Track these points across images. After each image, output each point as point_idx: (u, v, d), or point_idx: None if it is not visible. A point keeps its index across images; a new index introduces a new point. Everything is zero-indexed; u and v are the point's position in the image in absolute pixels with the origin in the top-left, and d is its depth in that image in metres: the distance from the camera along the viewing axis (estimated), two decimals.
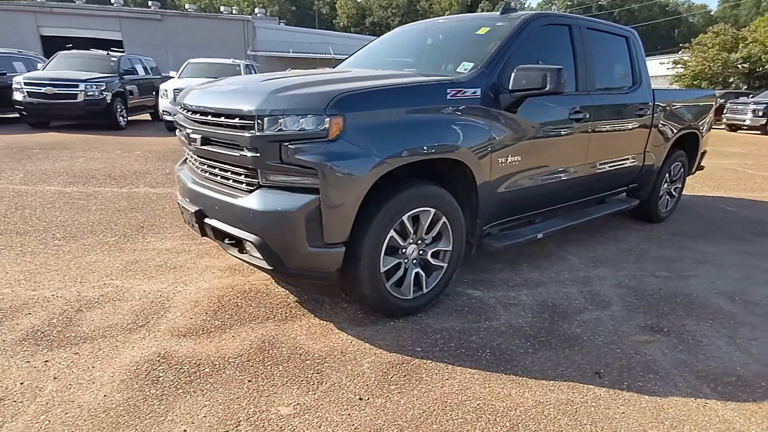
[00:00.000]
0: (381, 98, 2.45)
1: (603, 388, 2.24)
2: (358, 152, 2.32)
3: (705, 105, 5.16)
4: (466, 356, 2.45)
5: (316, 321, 2.75)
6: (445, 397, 2.12)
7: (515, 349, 2.54)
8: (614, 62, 4.02)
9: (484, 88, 2.86)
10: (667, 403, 2.15)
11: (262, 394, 2.08)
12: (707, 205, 6.01)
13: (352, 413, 1.99)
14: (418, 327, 2.72)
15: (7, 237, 3.85)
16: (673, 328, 2.84)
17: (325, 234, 2.35)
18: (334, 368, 2.30)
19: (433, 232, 2.80)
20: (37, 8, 26.21)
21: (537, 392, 2.18)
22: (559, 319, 2.89)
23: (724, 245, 4.43)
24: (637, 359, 2.49)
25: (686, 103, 4.84)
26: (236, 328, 2.62)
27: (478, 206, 2.97)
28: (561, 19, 3.59)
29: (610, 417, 2.04)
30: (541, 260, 3.84)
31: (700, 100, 5.11)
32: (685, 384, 2.29)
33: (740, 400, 2.20)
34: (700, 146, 5.17)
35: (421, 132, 2.54)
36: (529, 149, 3.19)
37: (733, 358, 2.54)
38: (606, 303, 3.13)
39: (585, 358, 2.48)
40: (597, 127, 3.69)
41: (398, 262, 2.70)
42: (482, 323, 2.80)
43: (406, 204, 2.57)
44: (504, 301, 3.10)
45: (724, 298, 3.28)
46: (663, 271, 3.72)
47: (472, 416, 2.01)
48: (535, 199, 3.44)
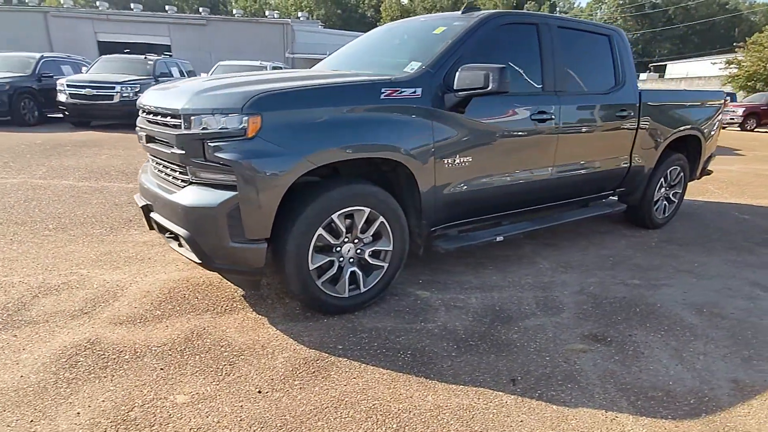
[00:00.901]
0: (301, 98, 2.48)
1: (513, 395, 2.17)
2: (275, 151, 2.37)
3: (709, 106, 4.87)
4: (384, 356, 2.44)
5: (252, 315, 2.81)
6: (343, 396, 2.13)
7: (439, 351, 2.50)
8: (592, 62, 3.87)
9: (427, 88, 2.84)
10: (574, 414, 2.06)
11: (167, 382, 2.16)
12: (718, 212, 5.66)
13: (245, 405, 2.03)
14: (350, 325, 2.73)
15: (4, 227, 4.15)
16: (618, 338, 2.71)
17: (245, 230, 2.40)
18: (248, 361, 2.35)
19: (370, 231, 2.80)
20: (94, 15, 27.90)
21: (440, 396, 2.15)
22: (499, 323, 2.82)
23: (718, 255, 4.17)
24: (563, 368, 2.40)
25: (683, 103, 4.58)
26: (173, 319, 2.72)
27: (421, 207, 2.95)
28: (526, 17, 3.50)
29: (505, 425, 1.98)
30: (509, 264, 3.75)
31: (702, 101, 4.82)
32: (602, 396, 2.19)
33: (657, 416, 2.08)
34: (704, 149, 4.87)
35: (346, 132, 2.55)
36: (483, 151, 3.13)
37: (670, 372, 2.40)
38: (557, 310, 3.03)
39: (508, 365, 2.41)
40: (567, 128, 3.57)
41: (331, 260, 2.72)
42: (417, 324, 2.77)
43: (334, 202, 2.59)
44: (450, 303, 3.06)
45: (690, 310, 3.10)
46: (636, 279, 3.55)
47: (361, 416, 2.00)
48: (494, 201, 3.37)
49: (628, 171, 4.22)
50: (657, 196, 4.65)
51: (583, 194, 4.05)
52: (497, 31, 3.25)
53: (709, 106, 4.86)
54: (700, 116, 4.73)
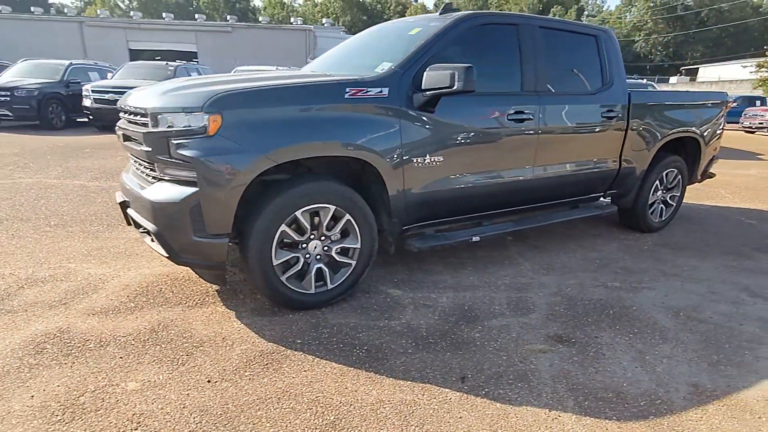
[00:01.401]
0: (262, 98, 2.54)
1: (459, 392, 2.17)
2: (235, 148, 2.44)
3: (710, 107, 4.74)
4: (339, 351, 2.47)
5: (221, 308, 2.88)
6: (289, 387, 2.16)
7: (395, 348, 2.52)
8: (578, 62, 3.82)
9: (394, 88, 2.87)
10: (516, 412, 2.05)
11: (123, 370, 2.24)
12: (724, 217, 5.48)
13: (192, 394, 2.09)
14: (314, 321, 2.77)
15: (9, 223, 4.35)
16: (583, 340, 2.67)
17: (206, 225, 2.48)
18: (206, 352, 2.42)
19: (336, 229, 2.84)
20: (126, 24, 28.94)
21: (385, 391, 2.17)
22: (464, 323, 2.81)
23: (712, 259, 4.04)
24: (517, 368, 2.38)
25: (679, 105, 4.47)
26: (144, 311, 2.82)
27: (390, 206, 2.97)
28: (504, 18, 3.49)
29: (443, 421, 1.98)
30: (490, 265, 3.73)
31: (702, 102, 4.70)
32: (550, 395, 2.17)
33: (601, 417, 2.04)
34: (704, 152, 4.74)
35: (306, 130, 2.60)
36: (455, 150, 3.13)
37: (628, 374, 2.36)
38: (527, 310, 3.00)
39: (462, 363, 2.40)
40: (549, 129, 3.54)
41: (296, 257, 2.77)
42: (381, 322, 2.79)
43: (297, 199, 2.64)
44: (420, 302, 3.07)
45: (666, 313, 3.02)
46: (617, 282, 3.48)
47: (302, 407, 2.04)
48: (471, 201, 3.36)
49: (618, 173, 4.14)
50: (652, 199, 4.54)
51: (569, 196, 4.00)
52: (473, 31, 3.26)
53: (709, 108, 4.73)
54: (698, 118, 4.61)
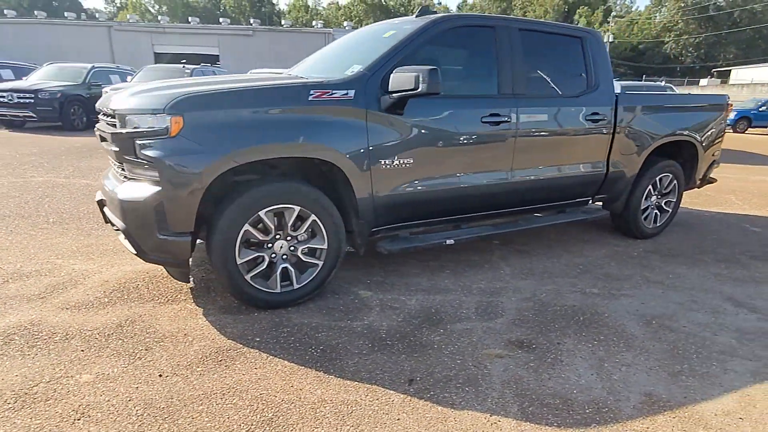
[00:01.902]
0: (224, 100, 2.59)
1: (403, 395, 2.17)
2: (196, 149, 2.49)
3: (708, 111, 4.60)
4: (295, 350, 2.50)
5: (191, 306, 2.95)
6: (236, 384, 2.20)
7: (351, 349, 2.53)
8: (560, 65, 3.77)
9: (361, 90, 2.89)
10: (455, 416, 2.04)
11: (82, 362, 2.32)
12: (728, 223, 5.31)
13: (141, 387, 2.15)
14: (277, 320, 2.81)
15: (11, 219, 4.53)
16: (544, 345, 2.63)
17: (169, 224, 2.54)
18: (165, 347, 2.48)
19: (302, 229, 2.88)
20: (152, 29, 29.75)
21: (330, 391, 2.18)
22: (427, 326, 2.81)
23: (703, 267, 3.93)
24: (470, 372, 2.36)
25: (673, 108, 4.36)
26: (117, 306, 2.90)
27: (357, 207, 2.99)
28: (480, 20, 3.46)
29: (380, 422, 1.99)
30: (470, 269, 3.71)
31: (698, 106, 4.57)
32: (496, 401, 2.15)
33: (542, 423, 2.02)
34: (701, 157, 4.61)
35: (268, 131, 2.65)
36: (426, 153, 3.13)
37: (581, 381, 2.32)
38: (495, 315, 2.97)
39: (414, 366, 2.40)
40: (527, 132, 3.50)
41: (261, 256, 2.82)
42: (343, 322, 2.81)
43: (260, 199, 2.69)
44: (388, 303, 3.07)
45: (639, 321, 2.95)
46: (595, 288, 3.42)
47: (244, 403, 2.07)
48: (444, 204, 3.36)
49: (606, 177, 4.06)
50: (645, 205, 4.44)
51: (553, 200, 3.94)
52: (447, 34, 3.26)
53: (707, 112, 4.60)
54: (695, 122, 4.48)
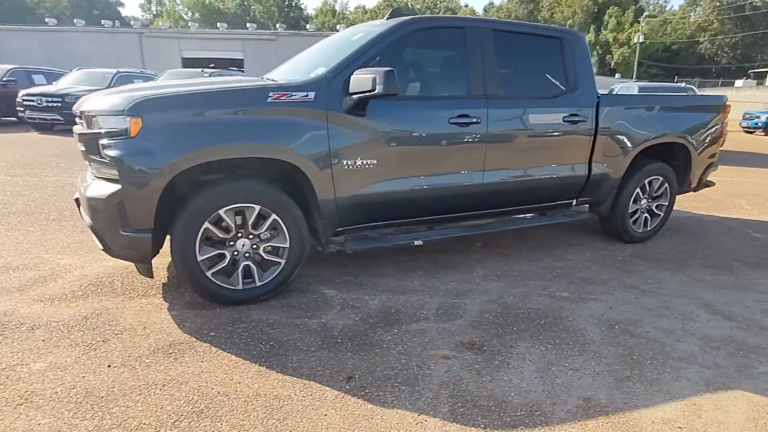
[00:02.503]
0: (183, 102, 2.68)
1: (338, 391, 2.20)
2: (154, 149, 2.58)
3: (703, 112, 4.47)
4: (244, 346, 2.55)
5: (158, 300, 3.05)
6: (179, 376, 2.27)
7: (300, 346, 2.57)
8: (537, 66, 3.73)
9: (321, 92, 2.93)
10: (383, 414, 2.05)
11: (39, 351, 2.43)
12: (730, 229, 5.13)
13: (87, 376, 2.24)
14: (237, 316, 2.87)
15: (15, 216, 4.76)
16: (496, 348, 2.61)
17: (130, 220, 2.64)
18: (122, 339, 2.57)
19: (263, 227, 2.94)
20: (180, 35, 30.65)
21: (267, 385, 2.23)
22: (382, 325, 2.83)
23: (687, 273, 3.81)
24: (411, 372, 2.37)
25: (661, 110, 4.25)
26: (89, 299, 3.02)
27: (319, 207, 3.03)
28: (450, 22, 3.46)
29: (307, 417, 2.02)
30: (443, 270, 3.70)
31: (692, 107, 4.44)
32: (429, 401, 2.15)
33: (469, 424, 2.01)
34: (694, 160, 4.47)
35: (228, 132, 2.72)
36: (390, 154, 3.15)
37: (522, 384, 2.29)
38: (454, 316, 2.96)
39: (357, 364, 2.43)
40: (499, 133, 3.48)
41: (222, 253, 2.89)
42: (300, 320, 2.86)
43: (219, 198, 2.76)
44: (350, 303, 3.10)
45: (601, 326, 2.90)
46: (566, 292, 3.37)
47: (180, 394, 2.14)
48: (412, 205, 3.36)
49: (588, 179, 3.99)
50: (633, 208, 4.33)
51: (530, 202, 3.89)
52: (414, 36, 3.27)
53: (702, 113, 4.47)
54: (688, 123, 4.36)
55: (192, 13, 74.00)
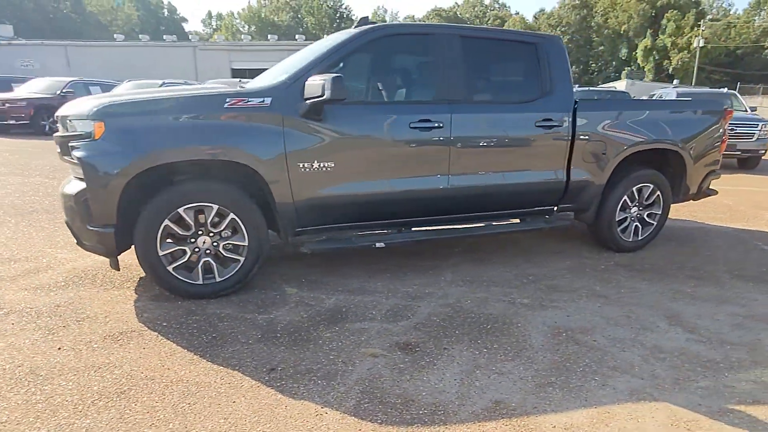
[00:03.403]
0: (143, 108, 2.90)
1: (255, 381, 2.29)
2: (114, 151, 2.81)
3: (700, 117, 4.27)
4: (188, 336, 2.70)
5: (129, 292, 3.27)
6: (117, 360, 2.44)
7: (240, 338, 2.70)
8: (509, 71, 3.72)
9: (278, 97, 3.07)
10: (290, 404, 2.13)
11: (5, 333, 2.66)
12: (737, 240, 4.84)
13: (36, 357, 2.45)
14: (193, 309, 3.04)
15: (36, 214, 5.20)
16: (429, 350, 2.63)
17: (94, 217, 2.88)
18: (81, 326, 2.79)
19: (222, 226, 3.10)
20: (230, 47, 32.16)
21: (193, 372, 2.36)
22: (326, 323, 2.90)
23: (666, 283, 3.65)
24: (333, 367, 2.43)
25: (649, 115, 4.09)
26: (68, 289, 3.29)
27: (276, 208, 3.16)
28: (415, 29, 3.52)
29: (216, 403, 2.13)
30: (411, 273, 3.73)
31: (687, 112, 4.25)
32: (338, 395, 2.21)
33: (367, 419, 2.05)
34: (690, 167, 4.26)
35: (185, 136, 2.91)
36: (349, 157, 3.24)
37: (438, 385, 2.30)
38: (402, 318, 3.00)
39: (287, 357, 2.52)
40: (464, 138, 3.48)
41: (182, 249, 3.07)
42: (251, 315, 2.99)
43: (177, 197, 2.95)
44: (305, 301, 3.20)
45: (548, 333, 2.84)
46: (527, 299, 3.31)
47: (111, 377, 2.30)
48: (374, 208, 3.42)
49: (568, 185, 3.91)
50: (621, 216, 4.19)
51: (504, 207, 3.85)
52: (378, 43, 3.35)
53: (698, 118, 4.27)
54: (683, 129, 4.17)
55: (248, 26, 77.22)
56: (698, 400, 2.23)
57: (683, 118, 4.20)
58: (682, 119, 4.20)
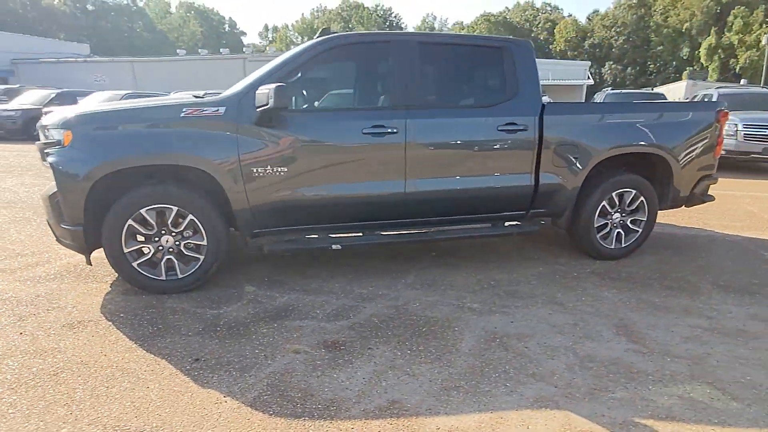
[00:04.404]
0: (106, 118, 3.17)
1: (176, 369, 2.45)
2: (80, 157, 3.08)
3: (689, 120, 4.06)
4: (138, 327, 2.90)
5: (105, 286, 3.54)
6: (64, 346, 2.67)
7: (182, 330, 2.87)
8: (470, 76, 3.70)
9: (232, 106, 3.25)
10: (196, 392, 2.26)
11: None
12: (742, 249, 4.53)
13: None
14: (154, 302, 3.25)
15: None
16: (352, 349, 2.68)
17: (65, 216, 3.16)
18: (48, 314, 3.06)
19: (182, 226, 3.31)
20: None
21: (125, 359, 2.54)
22: (268, 320, 3.02)
23: (637, 294, 3.49)
24: (253, 360, 2.55)
25: (628, 117, 3.93)
26: (55, 281, 3.60)
27: (232, 210, 3.33)
28: (373, 37, 3.59)
29: (130, 387, 2.29)
30: (374, 276, 3.78)
31: (673, 114, 4.05)
32: (245, 387, 2.31)
33: (260, 409, 2.14)
34: (677, 172, 4.05)
35: (143, 143, 3.14)
36: (302, 163, 3.35)
37: (345, 382, 2.36)
38: (342, 318, 3.07)
39: (215, 349, 2.66)
40: (420, 144, 3.51)
41: (147, 247, 3.30)
42: (202, 309, 3.16)
43: (139, 199, 3.18)
44: (258, 299, 3.34)
45: (483, 338, 2.82)
46: (477, 304, 3.29)
47: (52, 360, 2.52)
48: (330, 211, 3.51)
49: (537, 189, 3.83)
50: (600, 222, 4.04)
51: (468, 212, 3.82)
52: (335, 52, 3.47)
53: (688, 121, 4.06)
54: (667, 132, 3.99)
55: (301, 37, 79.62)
56: (604, 411, 2.16)
57: (668, 121, 4.01)
58: (666, 122, 4.00)
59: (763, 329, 2.96)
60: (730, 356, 2.63)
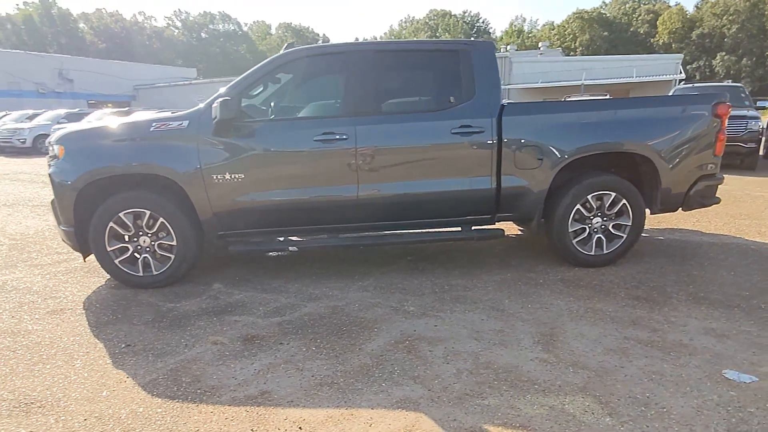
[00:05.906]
0: (92, 134, 3.68)
1: (106, 352, 2.79)
2: (69, 168, 3.60)
3: (681, 116, 3.71)
4: (102, 315, 3.31)
5: (99, 281, 4.05)
6: (37, 329, 3.14)
7: (133, 319, 3.23)
8: (423, 81, 3.71)
9: (195, 120, 3.59)
10: (109, 372, 2.57)
11: None
12: (746, 257, 4.00)
13: None
14: (129, 295, 3.67)
15: None
16: (266, 343, 2.85)
17: (61, 219, 3.71)
18: (44, 301, 3.59)
19: (155, 228, 3.71)
20: None
21: (71, 342, 2.93)
22: (211, 314, 3.29)
23: (592, 303, 3.26)
24: (172, 348, 2.82)
25: (603, 115, 3.67)
26: (45, 267, 4.20)
27: (197, 214, 3.68)
28: (330, 49, 3.74)
29: (59, 365, 2.65)
30: (335, 278, 3.91)
31: (657, 110, 3.71)
32: (150, 370, 2.58)
33: (148, 390, 2.39)
34: (665, 173, 3.69)
35: (119, 155, 3.59)
36: (257, 169, 3.60)
37: (236, 372, 2.53)
38: (278, 315, 3.25)
39: (151, 337, 2.97)
40: (370, 149, 3.59)
41: (126, 246, 3.75)
42: (163, 303, 3.51)
43: (117, 204, 3.63)
44: (217, 295, 3.64)
45: (395, 339, 2.85)
46: (415, 307, 3.29)
47: (20, 339, 2.99)
48: (287, 215, 3.71)
49: (499, 192, 3.73)
50: (575, 227, 3.82)
51: (428, 216, 3.81)
52: (292, 65, 3.70)
53: (677, 117, 3.70)
54: (650, 129, 3.67)
55: None
56: (459, 416, 2.11)
57: (649, 118, 3.68)
58: (647, 119, 3.68)
59: (709, 344, 2.65)
60: (645, 371, 2.40)
